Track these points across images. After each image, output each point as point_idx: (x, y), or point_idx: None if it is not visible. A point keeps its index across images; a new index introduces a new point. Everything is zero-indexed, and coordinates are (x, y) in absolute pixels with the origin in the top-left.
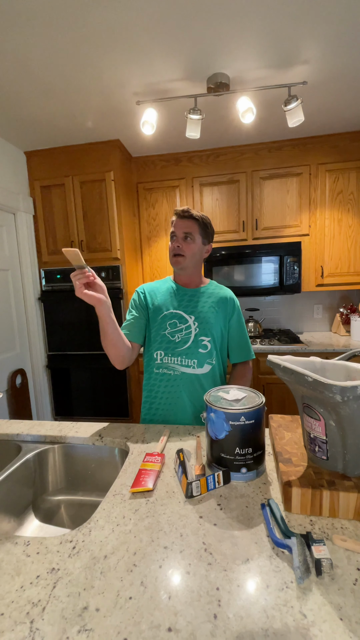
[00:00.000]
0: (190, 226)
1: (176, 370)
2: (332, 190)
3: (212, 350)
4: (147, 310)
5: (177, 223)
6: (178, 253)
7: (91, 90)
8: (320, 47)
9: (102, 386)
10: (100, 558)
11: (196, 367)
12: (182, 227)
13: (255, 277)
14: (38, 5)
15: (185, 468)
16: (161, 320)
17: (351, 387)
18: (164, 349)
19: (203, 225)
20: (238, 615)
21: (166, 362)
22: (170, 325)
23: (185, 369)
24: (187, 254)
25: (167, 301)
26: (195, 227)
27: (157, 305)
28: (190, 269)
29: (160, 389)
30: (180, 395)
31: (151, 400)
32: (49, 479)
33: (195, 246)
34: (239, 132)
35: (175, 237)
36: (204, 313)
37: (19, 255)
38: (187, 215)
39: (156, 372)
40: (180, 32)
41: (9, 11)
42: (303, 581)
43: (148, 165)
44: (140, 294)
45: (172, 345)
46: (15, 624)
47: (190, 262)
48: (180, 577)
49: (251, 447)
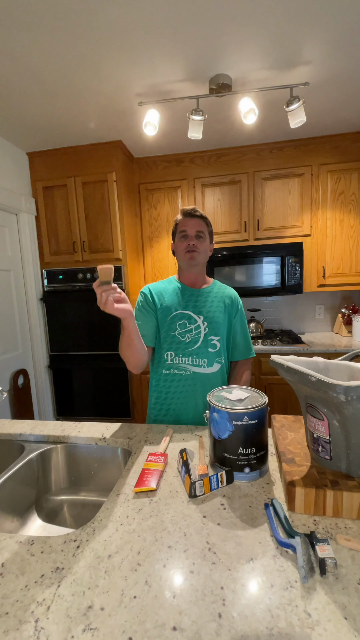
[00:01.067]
0: (200, 225)
1: (187, 370)
2: (333, 191)
3: (221, 349)
4: (156, 311)
5: (188, 222)
6: (193, 249)
7: (93, 91)
8: (322, 48)
9: (104, 386)
10: (104, 557)
11: (206, 367)
12: (194, 226)
13: (257, 278)
14: (41, 7)
15: (189, 468)
16: (170, 321)
17: (355, 386)
18: (174, 349)
19: (209, 225)
20: (243, 614)
21: (177, 362)
22: (180, 325)
23: (196, 368)
24: (201, 250)
25: (175, 301)
26: (205, 226)
27: (166, 306)
28: (201, 266)
29: (172, 389)
30: (191, 395)
31: (162, 402)
32: (52, 478)
33: (206, 244)
34: (241, 133)
35: (188, 236)
36: (212, 312)
37: (21, 256)
38: (198, 215)
39: (166, 372)
40: (182, 34)
41: (11, 12)
42: (307, 580)
43: (150, 166)
44: (147, 294)
45: (183, 346)
46: (20, 623)
47: (203, 259)
48: (184, 576)
49: (254, 447)
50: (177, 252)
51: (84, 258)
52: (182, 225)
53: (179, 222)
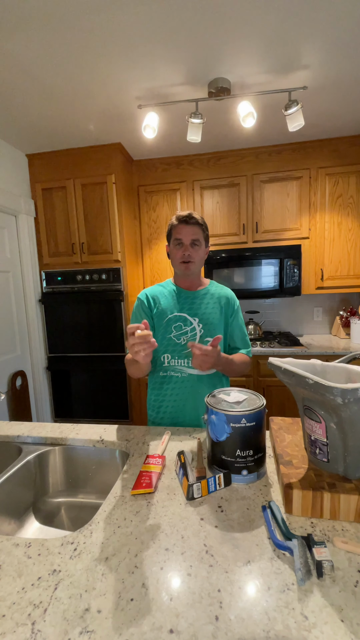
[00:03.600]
0: (196, 232)
1: (183, 373)
2: (332, 193)
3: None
4: (152, 316)
5: (183, 229)
6: (188, 260)
7: (93, 94)
8: (320, 52)
9: (102, 388)
10: (101, 560)
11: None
12: (189, 234)
13: (255, 280)
14: (40, 9)
15: (186, 470)
16: (166, 324)
17: (352, 389)
18: (170, 352)
19: (205, 230)
20: (239, 617)
21: (173, 364)
22: (176, 328)
23: (192, 370)
24: (196, 260)
25: (171, 304)
26: (200, 233)
27: (162, 309)
28: (197, 273)
29: (168, 391)
30: (188, 396)
31: (159, 404)
32: (50, 480)
33: (202, 251)
34: (240, 136)
35: (183, 245)
36: (207, 314)
37: (20, 257)
38: (194, 222)
39: (163, 375)
40: (182, 37)
41: (10, 14)
42: (304, 583)
43: (149, 169)
44: (144, 300)
45: (179, 348)
46: (17, 626)
47: (198, 267)
48: (181, 579)
49: (252, 450)
50: (172, 259)
51: (82, 260)
52: (177, 233)
53: (174, 228)
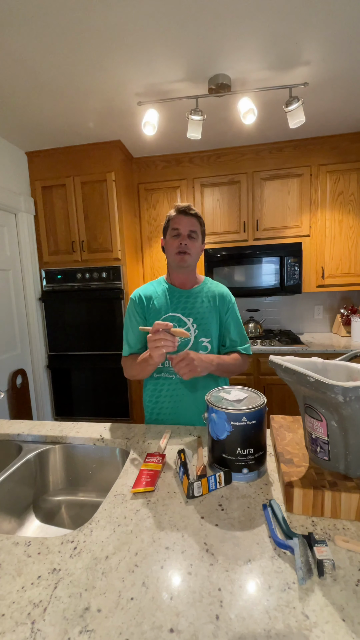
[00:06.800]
0: (194, 224)
1: (177, 374)
2: (332, 191)
3: (212, 350)
4: (145, 317)
5: (182, 220)
6: (184, 251)
7: (93, 90)
8: (321, 48)
9: (103, 386)
10: (101, 558)
11: None
12: (188, 225)
13: (255, 278)
14: (39, 6)
15: (187, 468)
16: None
17: (353, 387)
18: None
19: (203, 225)
20: (240, 616)
21: (167, 366)
22: None
23: None
24: (193, 252)
25: (164, 304)
26: (198, 226)
27: (156, 310)
28: (192, 267)
29: (163, 393)
30: (183, 398)
31: (153, 405)
32: (50, 479)
33: (198, 244)
34: (240, 133)
35: (181, 235)
36: (202, 314)
37: (20, 256)
38: (193, 214)
39: (157, 376)
40: (181, 33)
41: (9, 11)
42: (305, 582)
43: (149, 166)
44: (137, 300)
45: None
46: (17, 625)
47: (194, 260)
48: (181, 577)
49: (252, 448)
50: (168, 250)
51: (82, 258)
52: (175, 223)
53: (172, 219)
